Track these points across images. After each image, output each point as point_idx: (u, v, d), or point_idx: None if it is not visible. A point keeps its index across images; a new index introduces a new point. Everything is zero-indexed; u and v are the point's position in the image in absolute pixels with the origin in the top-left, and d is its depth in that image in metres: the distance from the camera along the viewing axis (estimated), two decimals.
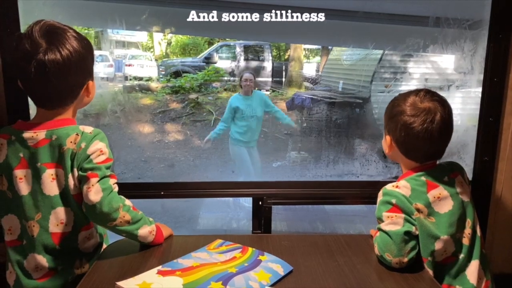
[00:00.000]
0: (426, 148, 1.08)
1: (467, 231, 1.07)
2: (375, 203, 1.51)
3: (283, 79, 9.00)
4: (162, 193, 1.34)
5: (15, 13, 1.24)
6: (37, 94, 1.01)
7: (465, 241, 1.06)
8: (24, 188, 1.00)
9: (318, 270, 0.99)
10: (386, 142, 1.15)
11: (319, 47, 9.84)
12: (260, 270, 0.95)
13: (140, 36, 9.75)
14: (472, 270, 1.05)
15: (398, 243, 1.00)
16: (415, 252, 1.03)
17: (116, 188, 1.02)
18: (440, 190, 1.06)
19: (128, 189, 1.39)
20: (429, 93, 1.08)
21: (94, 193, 0.96)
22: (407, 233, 1.02)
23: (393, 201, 1.05)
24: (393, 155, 1.15)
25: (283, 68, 9.18)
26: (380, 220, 1.07)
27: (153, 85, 8.04)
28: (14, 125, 1.03)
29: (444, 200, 1.06)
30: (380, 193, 1.10)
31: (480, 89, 1.41)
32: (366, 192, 1.43)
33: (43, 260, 1.01)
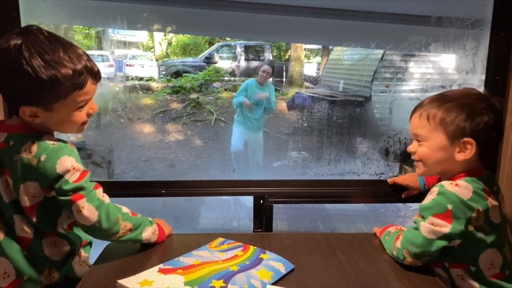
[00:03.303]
0: (498, 147, 1.07)
1: (507, 246, 1.03)
2: (376, 201, 1.51)
3: (284, 79, 9.00)
4: (163, 191, 1.34)
5: (16, 12, 1.24)
6: None
7: (508, 255, 1.01)
8: None
9: (320, 268, 0.99)
10: (452, 148, 1.01)
11: (320, 47, 9.85)
12: (261, 268, 0.94)
13: (141, 36, 9.76)
14: None
15: (424, 250, 0.96)
16: (431, 258, 0.99)
17: (107, 199, 0.96)
18: (494, 199, 0.99)
19: (129, 188, 1.39)
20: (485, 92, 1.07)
21: (89, 214, 0.91)
22: (441, 247, 0.96)
23: (449, 206, 0.95)
24: (456, 163, 1.01)
25: (284, 68, 9.18)
26: (421, 216, 1.00)
27: (154, 85, 8.04)
28: None
29: (496, 210, 0.99)
30: (435, 190, 0.99)
31: (482, 89, 1.41)
32: (368, 191, 1.42)
33: (10, 266, 0.95)
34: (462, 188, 0.97)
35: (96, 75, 0.94)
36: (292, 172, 5.31)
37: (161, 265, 0.94)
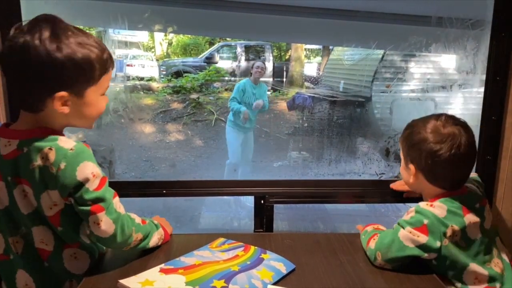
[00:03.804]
0: (454, 175, 1.05)
1: (495, 260, 1.05)
2: (377, 201, 1.51)
3: (284, 79, 9.00)
4: (164, 191, 1.34)
5: (18, 11, 1.24)
6: (8, 86, 0.90)
7: (498, 269, 1.04)
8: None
9: (321, 268, 0.99)
10: (409, 171, 1.10)
11: (320, 47, 9.85)
12: (262, 268, 0.95)
13: (141, 36, 9.76)
14: None
15: (398, 256, 0.99)
16: (401, 264, 1.02)
17: (122, 209, 0.93)
18: (474, 216, 1.02)
19: (130, 188, 1.39)
20: (450, 118, 1.06)
21: (106, 228, 0.88)
22: (412, 256, 0.99)
23: (425, 221, 1.00)
24: (417, 184, 1.11)
25: (284, 68, 9.19)
26: (401, 226, 1.03)
27: (154, 85, 8.05)
28: None
29: (475, 227, 1.02)
30: (412, 210, 1.05)
31: (483, 89, 1.41)
32: (369, 191, 1.42)
33: (30, 279, 0.92)
34: (436, 207, 1.02)
35: (113, 61, 0.95)
36: (293, 172, 5.32)
37: (162, 265, 0.94)
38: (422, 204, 1.04)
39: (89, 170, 0.87)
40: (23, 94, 0.88)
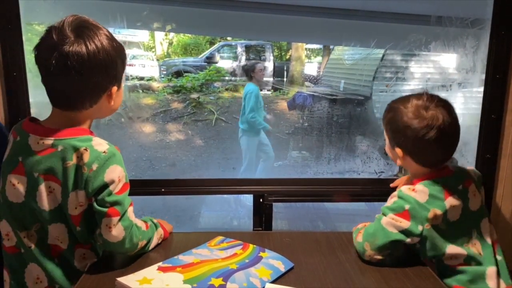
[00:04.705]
0: (440, 154, 1.06)
1: (474, 241, 1.05)
2: (376, 200, 1.51)
3: (285, 79, 9.00)
4: (163, 189, 1.34)
5: (16, 10, 1.24)
6: (54, 90, 0.91)
7: (475, 250, 1.04)
8: (15, 195, 0.92)
9: (319, 266, 0.99)
10: (395, 154, 1.10)
11: (321, 47, 9.85)
12: (261, 267, 0.95)
13: (142, 36, 9.75)
14: (491, 277, 1.03)
15: (385, 242, 1.00)
16: (391, 253, 1.03)
17: (133, 219, 0.96)
18: (455, 199, 1.03)
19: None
20: (432, 98, 1.04)
21: (117, 234, 0.91)
22: (397, 241, 1.01)
23: (406, 207, 1.02)
24: (405, 164, 1.12)
25: (285, 68, 9.19)
26: (383, 214, 1.05)
27: (155, 84, 8.05)
28: (24, 123, 0.94)
29: (456, 209, 1.03)
30: (395, 194, 1.07)
31: (482, 88, 1.41)
32: (368, 190, 1.42)
33: (42, 273, 0.94)
34: (418, 192, 1.03)
35: None
36: (292, 171, 5.31)
37: (160, 263, 0.94)
38: (404, 189, 1.05)
39: (117, 174, 0.91)
40: (78, 94, 0.91)
